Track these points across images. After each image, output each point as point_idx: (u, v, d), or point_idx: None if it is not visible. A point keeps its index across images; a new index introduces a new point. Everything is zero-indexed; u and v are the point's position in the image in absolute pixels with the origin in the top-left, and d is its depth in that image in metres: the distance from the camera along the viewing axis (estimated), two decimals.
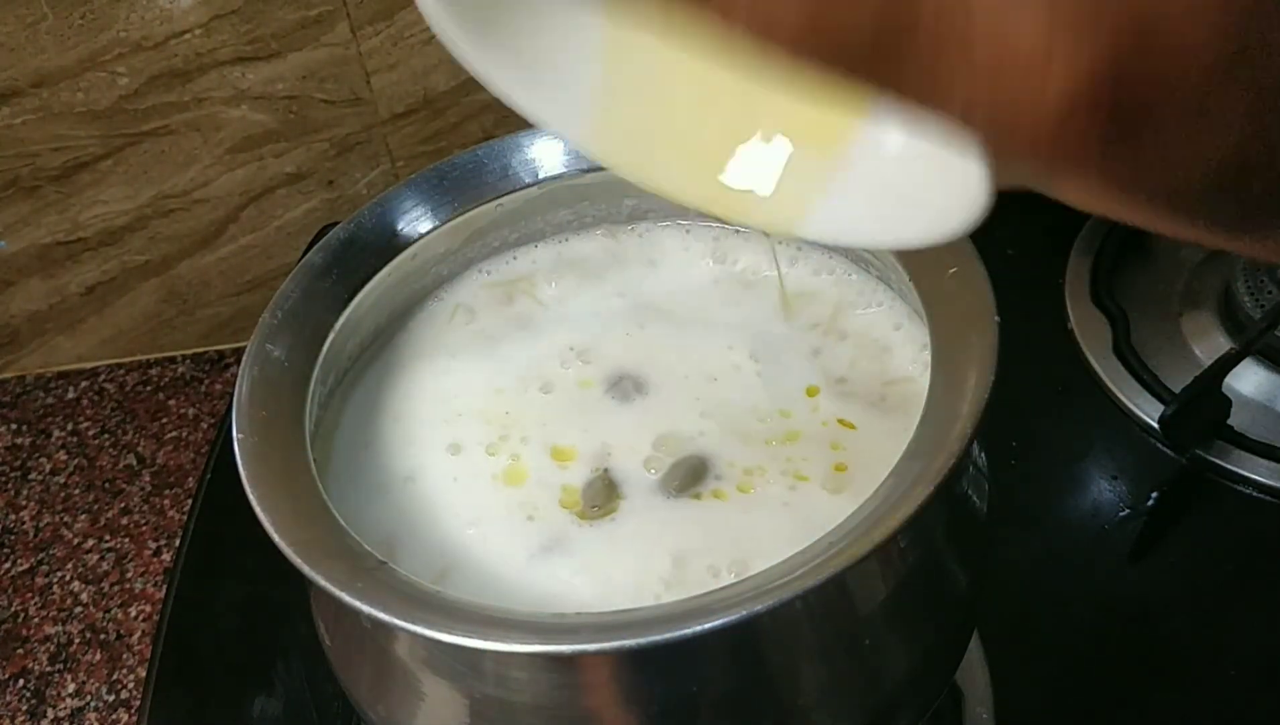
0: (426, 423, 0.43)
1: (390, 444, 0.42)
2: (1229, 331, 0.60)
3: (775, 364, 0.43)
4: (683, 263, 0.48)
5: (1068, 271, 0.66)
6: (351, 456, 0.42)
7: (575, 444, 0.41)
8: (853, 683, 0.36)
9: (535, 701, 0.34)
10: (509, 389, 0.43)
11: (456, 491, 0.40)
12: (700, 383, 0.43)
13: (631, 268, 0.48)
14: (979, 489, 0.39)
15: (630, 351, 0.44)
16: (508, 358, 0.45)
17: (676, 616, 0.30)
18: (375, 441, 0.42)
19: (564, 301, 0.47)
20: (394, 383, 0.44)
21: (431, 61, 0.72)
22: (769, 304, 0.45)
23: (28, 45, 0.69)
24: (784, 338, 0.44)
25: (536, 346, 0.45)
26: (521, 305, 0.47)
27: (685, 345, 0.44)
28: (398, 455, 0.42)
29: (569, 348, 0.45)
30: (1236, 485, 0.55)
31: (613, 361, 0.44)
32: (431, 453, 0.42)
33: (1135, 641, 0.51)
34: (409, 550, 0.38)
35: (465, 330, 0.46)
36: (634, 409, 0.42)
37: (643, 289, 0.47)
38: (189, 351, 0.83)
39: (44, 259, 0.79)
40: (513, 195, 0.45)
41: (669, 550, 0.37)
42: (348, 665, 0.39)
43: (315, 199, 0.78)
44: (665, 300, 0.46)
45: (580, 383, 0.43)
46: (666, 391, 0.43)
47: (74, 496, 0.73)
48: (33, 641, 0.66)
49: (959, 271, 0.37)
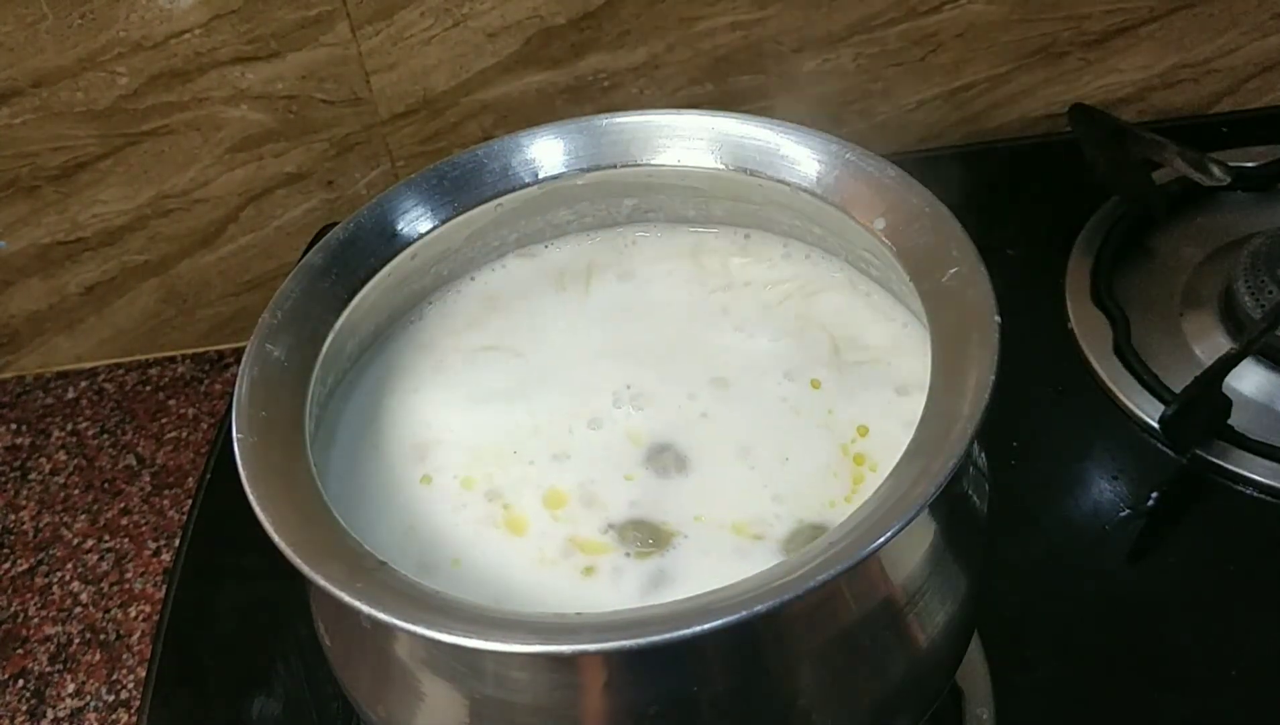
0: (427, 424, 0.43)
1: (391, 444, 0.42)
2: (1229, 331, 0.60)
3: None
4: (682, 266, 0.48)
5: (1068, 271, 0.66)
6: (352, 456, 0.42)
7: (578, 446, 0.41)
8: (853, 683, 0.36)
9: (535, 702, 0.34)
10: (509, 389, 0.43)
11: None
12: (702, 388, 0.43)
13: (632, 269, 0.48)
14: (979, 489, 0.39)
15: (632, 352, 0.44)
16: (508, 359, 0.45)
17: (676, 616, 0.30)
18: (375, 442, 0.42)
19: (564, 302, 0.47)
20: (394, 383, 0.44)
21: (431, 61, 0.72)
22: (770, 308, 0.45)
23: (27, 45, 0.69)
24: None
25: (538, 347, 0.45)
26: (523, 305, 0.47)
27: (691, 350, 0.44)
28: (398, 456, 0.42)
29: (569, 351, 0.45)
30: (1237, 486, 0.55)
31: (615, 369, 0.44)
32: (432, 453, 0.42)
33: (1135, 641, 0.51)
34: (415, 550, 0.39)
35: (466, 330, 0.46)
36: (634, 411, 0.42)
37: (642, 292, 0.47)
38: (189, 351, 0.83)
39: (43, 259, 0.79)
40: (513, 195, 0.45)
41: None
42: (347, 665, 0.38)
43: (315, 199, 0.78)
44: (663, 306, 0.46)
45: (584, 381, 0.43)
46: (662, 398, 0.43)
47: (73, 497, 0.73)
48: (32, 642, 0.66)
49: (959, 271, 0.37)
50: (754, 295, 0.46)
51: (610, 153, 0.45)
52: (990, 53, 0.74)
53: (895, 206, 0.40)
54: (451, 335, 0.46)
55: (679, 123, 0.44)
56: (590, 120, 0.45)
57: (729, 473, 0.40)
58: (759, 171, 0.43)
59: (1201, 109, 0.77)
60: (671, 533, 0.38)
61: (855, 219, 0.41)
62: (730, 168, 0.44)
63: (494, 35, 0.72)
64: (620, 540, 0.38)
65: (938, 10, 0.72)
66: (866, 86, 0.75)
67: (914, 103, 0.76)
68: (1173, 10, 0.73)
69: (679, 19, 0.71)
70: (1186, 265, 0.65)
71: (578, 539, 0.38)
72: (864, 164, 0.41)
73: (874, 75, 0.75)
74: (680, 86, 0.74)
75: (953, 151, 0.77)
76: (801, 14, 0.72)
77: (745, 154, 0.43)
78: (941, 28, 0.73)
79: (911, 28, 0.73)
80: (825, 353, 0.43)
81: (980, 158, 0.76)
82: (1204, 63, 0.75)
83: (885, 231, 0.40)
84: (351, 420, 0.43)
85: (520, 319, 0.46)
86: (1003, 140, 0.78)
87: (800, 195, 0.43)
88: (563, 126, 0.45)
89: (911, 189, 0.40)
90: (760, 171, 0.43)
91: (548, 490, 0.40)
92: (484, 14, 0.71)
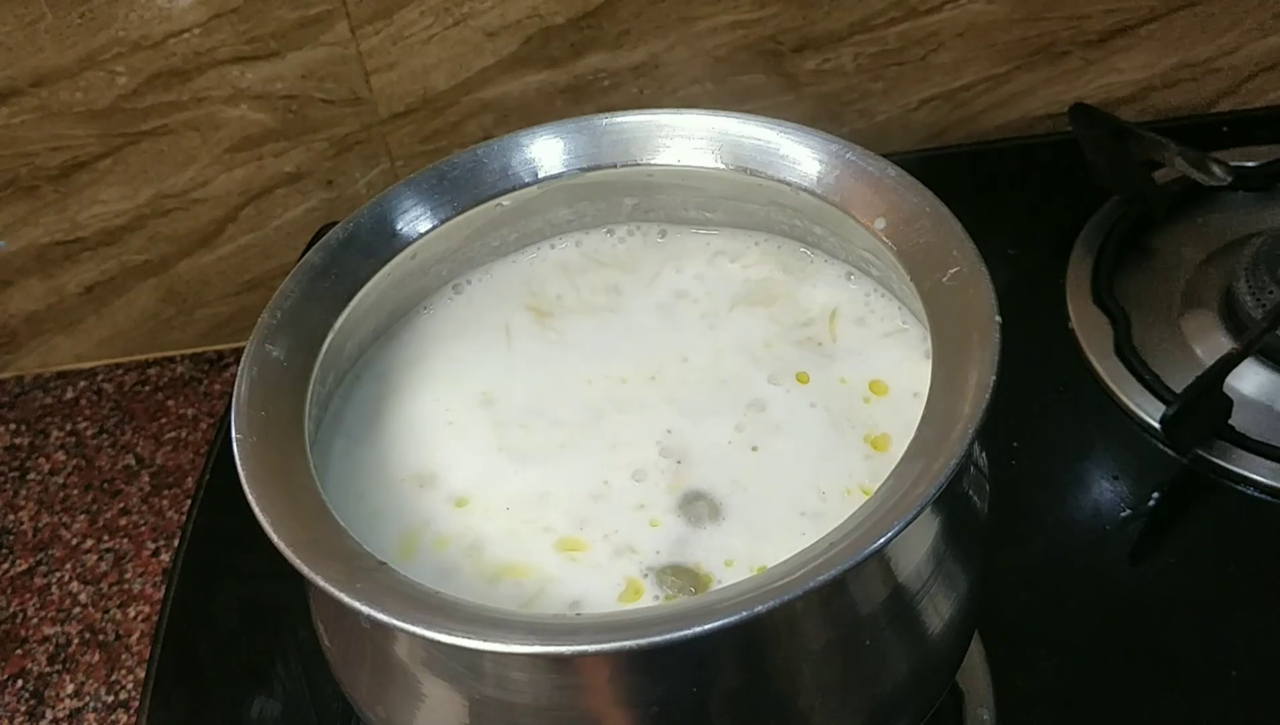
0: (427, 424, 0.43)
1: (391, 445, 0.42)
2: (1230, 331, 0.60)
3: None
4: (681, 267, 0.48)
5: (1069, 271, 0.65)
6: (351, 457, 0.42)
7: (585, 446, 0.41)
8: (853, 683, 0.36)
9: (535, 703, 0.34)
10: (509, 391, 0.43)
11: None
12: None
13: (633, 270, 0.48)
14: (979, 489, 0.39)
15: (638, 352, 0.44)
16: (509, 360, 0.45)
17: (677, 617, 0.30)
18: (375, 442, 0.42)
19: (564, 303, 0.47)
20: (394, 384, 0.44)
21: (431, 61, 0.72)
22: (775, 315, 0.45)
23: (26, 44, 0.69)
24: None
25: (538, 349, 0.45)
26: (521, 308, 0.47)
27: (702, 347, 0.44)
28: (398, 457, 0.42)
29: (571, 353, 0.45)
30: (1238, 486, 0.55)
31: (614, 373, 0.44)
32: (432, 454, 0.42)
33: (1136, 642, 0.51)
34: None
35: (467, 331, 0.46)
36: (638, 405, 0.42)
37: (645, 293, 0.47)
38: (188, 351, 0.83)
39: (42, 259, 0.79)
40: (512, 195, 0.45)
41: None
42: (347, 666, 0.38)
43: (314, 199, 0.78)
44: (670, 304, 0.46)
45: (585, 381, 0.43)
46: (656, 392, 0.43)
47: (72, 497, 0.73)
48: (31, 642, 0.65)
49: (960, 271, 0.37)
50: (757, 299, 0.46)
51: (610, 153, 0.45)
52: (990, 53, 0.74)
53: (895, 206, 0.40)
54: (451, 335, 0.46)
55: (679, 122, 0.44)
56: (590, 120, 0.45)
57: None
58: (759, 171, 0.43)
59: (1201, 109, 0.77)
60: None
61: (855, 219, 0.41)
62: (730, 167, 0.44)
63: (494, 35, 0.71)
64: (599, 534, 0.38)
65: (938, 10, 0.72)
66: (866, 86, 0.75)
67: (914, 103, 0.76)
68: (1173, 10, 0.72)
69: (679, 19, 0.71)
70: (1187, 265, 0.65)
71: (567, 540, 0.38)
72: (864, 164, 0.41)
73: (874, 75, 0.75)
74: (680, 86, 0.74)
75: (953, 151, 0.77)
76: (801, 14, 0.71)
77: (745, 154, 0.43)
78: (941, 27, 0.73)
79: (911, 28, 0.73)
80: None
81: (980, 158, 0.76)
82: (1204, 62, 0.75)
83: (885, 231, 0.40)
84: (351, 421, 0.43)
85: (523, 319, 0.46)
86: (1003, 140, 0.78)
87: (800, 195, 0.43)
88: (563, 126, 0.45)
89: (911, 189, 0.40)
90: (760, 171, 0.43)
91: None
92: (484, 13, 0.71)
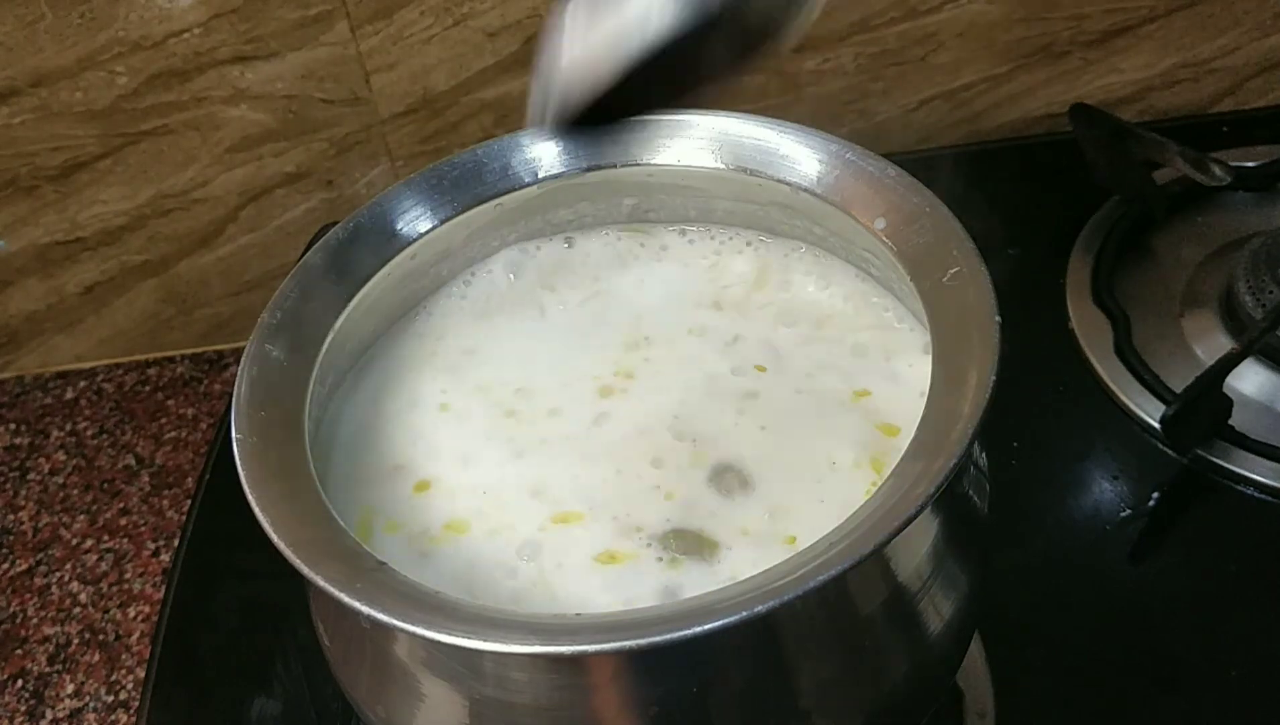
0: (427, 422, 0.43)
1: (391, 445, 0.42)
2: (1230, 331, 0.60)
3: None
4: (683, 267, 0.48)
5: (1069, 271, 0.65)
6: (351, 457, 0.42)
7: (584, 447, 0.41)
8: (853, 683, 0.35)
9: (535, 703, 0.34)
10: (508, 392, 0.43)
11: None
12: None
13: (632, 271, 0.48)
14: (979, 489, 0.39)
15: (638, 347, 0.44)
16: (509, 358, 0.45)
17: (677, 617, 0.30)
18: (375, 443, 0.42)
19: (564, 304, 0.47)
20: (394, 384, 0.44)
21: (431, 61, 0.72)
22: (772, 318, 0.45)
23: (26, 45, 0.69)
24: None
25: (538, 347, 0.45)
26: (521, 307, 0.47)
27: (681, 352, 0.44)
28: (398, 457, 0.42)
29: (571, 354, 0.45)
30: (1238, 486, 0.55)
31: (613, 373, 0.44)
32: (433, 453, 0.42)
33: (1136, 642, 0.51)
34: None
35: (467, 330, 0.46)
36: (632, 400, 0.42)
37: (640, 293, 0.47)
38: (188, 351, 0.83)
39: (42, 259, 0.79)
40: (512, 195, 0.45)
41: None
42: (347, 666, 0.38)
43: (314, 199, 0.78)
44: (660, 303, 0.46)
45: (589, 375, 0.43)
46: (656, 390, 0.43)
47: (72, 497, 0.73)
48: (31, 642, 0.65)
49: (960, 271, 0.37)
50: (756, 301, 0.46)
51: (610, 152, 0.45)
52: (990, 53, 0.74)
53: (895, 206, 0.40)
54: (451, 334, 0.46)
55: (679, 122, 0.44)
56: None
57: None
58: (759, 171, 0.43)
59: (1201, 109, 0.77)
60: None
61: (856, 219, 0.41)
62: (731, 167, 0.44)
63: (494, 35, 0.71)
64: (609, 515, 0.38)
65: (938, 10, 0.72)
66: (866, 86, 0.75)
67: (914, 103, 0.76)
68: (1173, 10, 0.72)
69: None
70: (1187, 265, 0.65)
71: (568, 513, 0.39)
72: (864, 164, 0.41)
73: (874, 75, 0.75)
74: None
75: (953, 151, 0.77)
76: None
77: (745, 154, 0.43)
78: (941, 27, 0.73)
79: (911, 28, 0.73)
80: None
81: (980, 158, 0.76)
82: (1204, 63, 0.75)
83: (886, 231, 0.40)
84: (351, 421, 0.43)
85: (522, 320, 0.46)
86: (1003, 140, 0.78)
87: (801, 195, 0.43)
88: None
89: (911, 189, 0.40)
90: (760, 171, 0.43)
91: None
92: (484, 13, 0.71)
